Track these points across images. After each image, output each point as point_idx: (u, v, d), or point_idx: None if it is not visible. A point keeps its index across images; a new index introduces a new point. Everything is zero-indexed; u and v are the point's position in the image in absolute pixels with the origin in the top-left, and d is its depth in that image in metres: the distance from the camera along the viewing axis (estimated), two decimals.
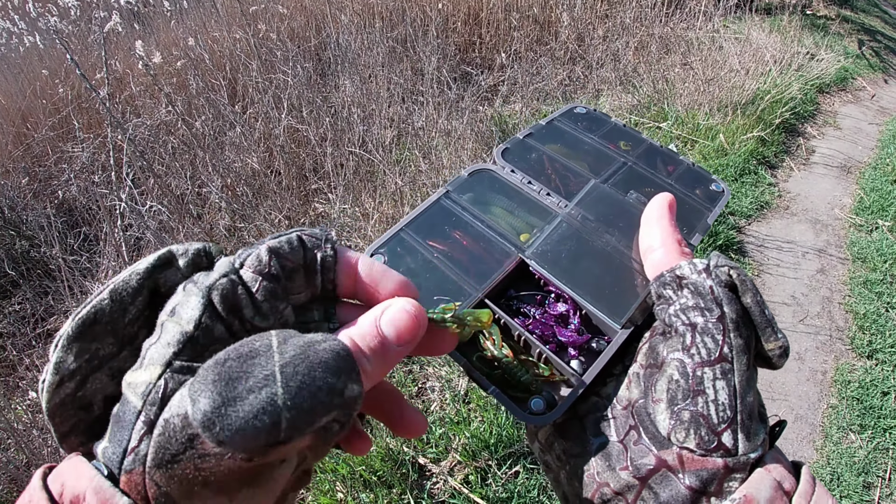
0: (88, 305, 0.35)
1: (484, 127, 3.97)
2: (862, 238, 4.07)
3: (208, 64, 4.02)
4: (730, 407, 0.40)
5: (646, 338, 0.50)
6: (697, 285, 0.44)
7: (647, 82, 5.04)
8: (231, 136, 3.62)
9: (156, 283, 0.38)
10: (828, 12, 8.14)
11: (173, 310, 0.35)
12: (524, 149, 0.72)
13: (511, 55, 4.93)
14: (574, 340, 0.56)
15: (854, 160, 5.00)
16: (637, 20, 5.63)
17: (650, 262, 0.50)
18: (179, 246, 0.39)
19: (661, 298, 0.47)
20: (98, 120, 4.06)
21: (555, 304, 0.59)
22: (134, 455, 0.31)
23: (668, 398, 0.42)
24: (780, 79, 5.28)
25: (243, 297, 0.37)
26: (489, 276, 0.59)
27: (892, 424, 2.80)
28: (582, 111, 0.80)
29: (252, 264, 0.38)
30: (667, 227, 0.51)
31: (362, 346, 0.37)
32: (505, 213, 0.65)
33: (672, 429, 0.41)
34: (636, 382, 0.47)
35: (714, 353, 0.41)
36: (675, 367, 0.42)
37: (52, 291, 3.31)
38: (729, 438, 0.39)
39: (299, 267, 0.40)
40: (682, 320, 0.43)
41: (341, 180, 3.45)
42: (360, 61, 4.32)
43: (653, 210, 0.54)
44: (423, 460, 2.29)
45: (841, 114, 5.75)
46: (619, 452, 0.44)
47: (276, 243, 0.39)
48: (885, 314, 3.44)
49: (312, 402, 0.31)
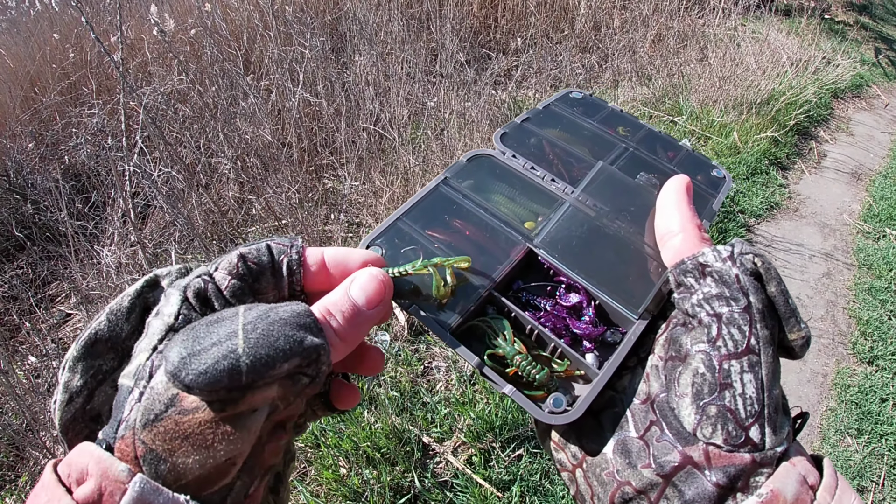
0: (90, 329, 0.40)
1: (497, 111, 3.95)
2: (869, 245, 4.07)
3: (224, 33, 3.99)
4: (757, 401, 0.39)
5: (663, 328, 0.49)
6: (722, 273, 0.42)
7: (662, 75, 5.01)
8: (244, 107, 3.59)
9: (146, 302, 0.43)
10: (846, 18, 8.09)
11: (157, 311, 0.41)
12: (523, 133, 0.70)
13: (527, 40, 4.90)
14: (589, 333, 0.54)
15: (865, 167, 4.98)
16: (656, 12, 5.59)
17: (669, 247, 0.48)
18: (163, 269, 0.44)
19: (681, 287, 0.46)
20: (108, 86, 4.02)
21: (567, 295, 0.57)
22: (125, 423, 0.35)
23: (694, 392, 0.40)
24: (796, 81, 5.25)
25: (214, 292, 0.42)
26: (495, 267, 0.56)
27: (888, 430, 2.81)
28: (578, 96, 0.79)
29: (224, 267, 0.43)
30: (686, 211, 0.49)
31: (335, 313, 0.41)
32: (507, 200, 0.63)
33: (698, 424, 0.40)
34: (655, 376, 0.45)
35: (741, 345, 0.40)
36: (701, 359, 0.41)
37: (56, 256, 3.30)
38: (756, 433, 0.39)
39: (266, 270, 0.45)
40: (706, 310, 0.42)
41: (353, 156, 3.44)
42: (377, 38, 4.29)
43: (670, 193, 0.51)
44: (428, 439, 2.30)
45: (854, 120, 5.73)
46: (639, 449, 0.43)
47: (247, 250, 0.45)
48: (888, 322, 3.43)
49: (270, 351, 0.35)
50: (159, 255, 3.18)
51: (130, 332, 0.41)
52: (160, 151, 3.22)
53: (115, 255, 3.01)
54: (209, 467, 0.35)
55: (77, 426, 0.40)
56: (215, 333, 0.36)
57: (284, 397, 0.38)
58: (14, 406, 2.39)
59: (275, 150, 3.46)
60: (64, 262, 3.22)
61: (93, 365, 0.40)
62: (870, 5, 9.01)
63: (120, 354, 0.41)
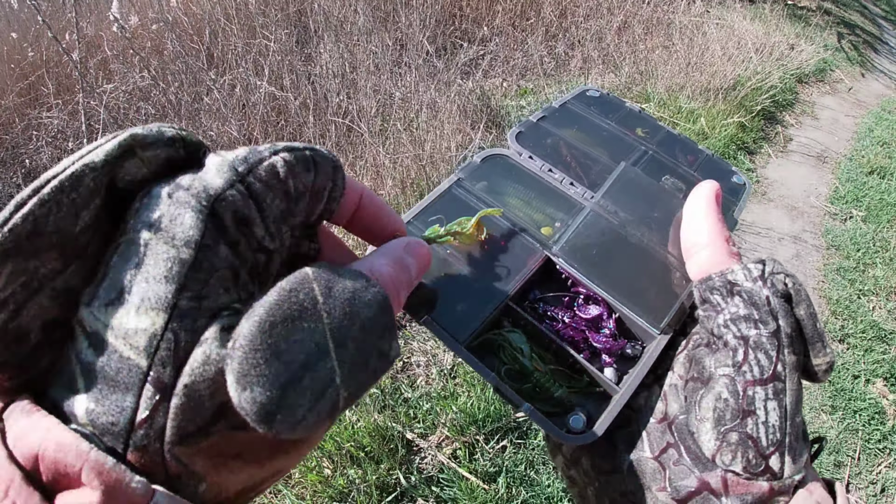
0: (23, 210, 0.25)
1: (467, 100, 3.93)
2: (836, 226, 4.16)
3: (186, 26, 3.91)
4: (780, 429, 0.37)
5: (683, 345, 0.47)
6: (752, 294, 0.40)
7: (629, 63, 5.05)
8: (207, 103, 3.52)
9: (112, 177, 0.28)
10: (809, 3, 8.25)
11: (156, 223, 0.27)
12: (539, 133, 0.67)
13: (493, 29, 4.89)
14: (610, 346, 0.52)
15: (830, 150, 5.09)
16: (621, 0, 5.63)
17: (695, 261, 0.46)
18: (144, 129, 0.29)
19: (706, 303, 0.43)
20: (68, 85, 3.91)
21: (586, 307, 0.54)
22: (146, 428, 0.25)
23: (715, 417, 0.39)
24: (761, 67, 5.34)
25: (255, 214, 0.30)
26: (512, 275, 0.53)
27: (861, 406, 2.88)
28: (595, 94, 0.75)
29: (266, 176, 0.30)
30: (714, 222, 0.46)
31: (400, 281, 0.35)
32: (522, 203, 0.59)
33: (717, 450, 0.38)
34: (674, 396, 0.43)
35: (767, 372, 0.38)
36: (725, 384, 0.39)
37: None
38: (776, 462, 0.37)
39: (307, 193, 0.33)
40: (733, 332, 0.40)
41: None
42: (342, 29, 4.24)
43: (699, 201, 0.48)
44: (411, 435, 2.28)
45: (819, 104, 5.84)
46: (654, 471, 0.42)
47: (293, 158, 0.32)
48: (857, 300, 3.52)
49: (366, 375, 0.28)
50: None
51: (88, 224, 0.27)
52: None
53: None
54: (256, 480, 0.30)
55: None
56: (301, 344, 0.26)
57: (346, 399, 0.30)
58: None
59: (240, 146, 3.41)
60: None
61: (25, 268, 0.26)
62: None
63: (67, 256, 0.27)
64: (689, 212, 0.48)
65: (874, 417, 2.84)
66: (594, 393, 0.50)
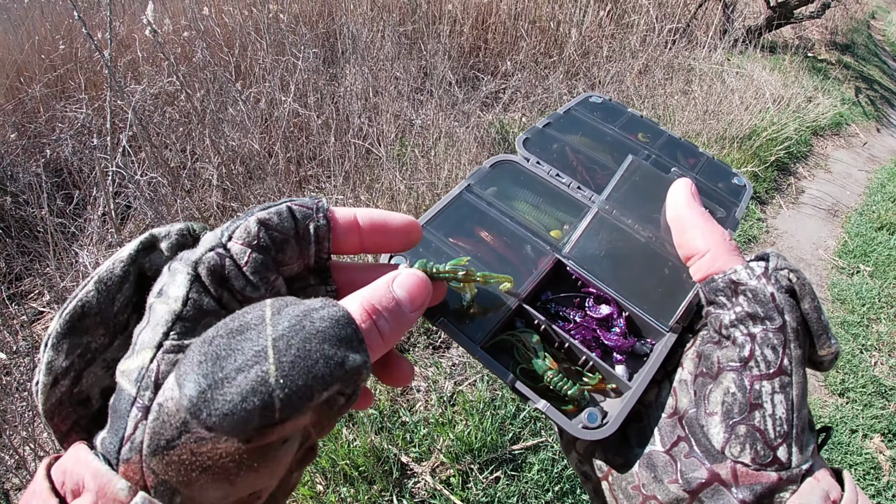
0: (74, 300, 0.34)
1: (486, 133, 3.97)
2: (843, 280, 4.15)
3: (217, 37, 3.97)
4: (787, 421, 0.39)
5: (691, 342, 0.48)
6: (757, 292, 0.41)
7: (647, 106, 5.08)
8: (232, 113, 3.57)
9: (141, 268, 0.37)
10: (829, 57, 8.28)
11: (161, 290, 0.34)
12: (545, 139, 0.69)
13: (516, 64, 4.94)
14: (620, 345, 0.53)
15: (841, 204, 5.09)
16: (644, 43, 5.67)
17: (698, 267, 0.47)
18: (162, 228, 0.38)
19: (712, 304, 0.45)
20: (95, 82, 3.97)
21: (597, 307, 0.55)
22: (130, 443, 0.30)
23: (724, 411, 0.40)
24: (778, 118, 5.36)
25: (232, 269, 0.36)
26: (524, 277, 0.55)
27: (857, 461, 2.87)
28: (598, 100, 0.77)
29: (241, 236, 0.37)
30: (704, 225, 0.47)
31: (378, 307, 0.36)
32: (531, 207, 0.61)
33: (726, 443, 0.40)
34: (684, 391, 0.45)
35: (773, 366, 0.39)
36: (732, 379, 0.40)
37: (32, 252, 3.24)
38: (784, 452, 0.39)
39: (290, 238, 0.38)
40: (740, 330, 0.41)
41: (340, 170, 3.43)
42: (369, 53, 4.29)
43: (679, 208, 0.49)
44: (406, 459, 2.29)
45: (832, 158, 5.85)
46: (665, 463, 0.43)
47: (266, 214, 0.38)
48: (859, 355, 3.51)
49: (308, 378, 0.30)
50: None
51: (124, 305, 0.36)
52: (146, 153, 3.19)
53: (93, 255, 2.96)
54: (231, 500, 0.31)
55: (64, 411, 0.34)
56: (240, 352, 0.29)
57: (318, 423, 0.33)
58: None
59: (260, 159, 3.45)
60: (41, 258, 3.17)
61: (79, 343, 0.34)
62: (852, 45, 9.25)
63: (112, 331, 0.35)
64: (676, 220, 0.50)
65: (869, 472, 2.82)
66: (605, 391, 0.51)
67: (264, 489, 0.33)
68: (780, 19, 7.48)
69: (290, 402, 0.29)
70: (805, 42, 8.29)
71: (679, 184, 0.51)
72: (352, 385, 0.32)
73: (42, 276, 3.14)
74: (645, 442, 0.45)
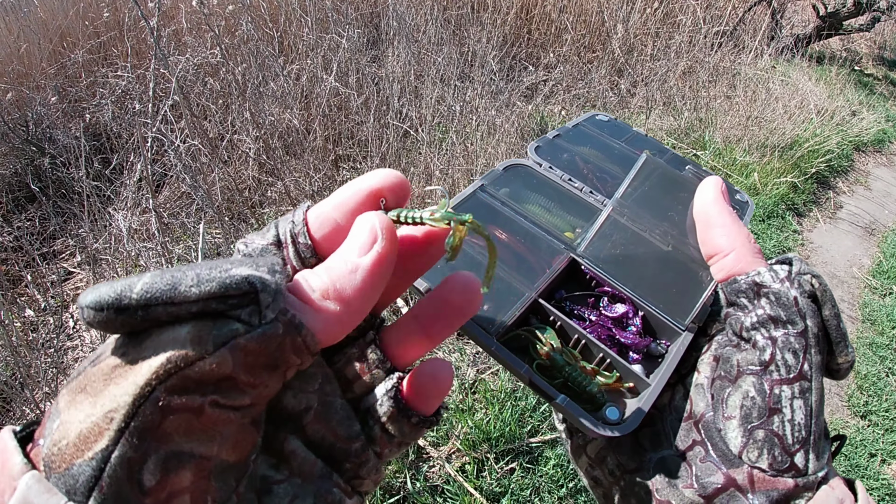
0: None
1: (526, 123, 3.95)
2: (875, 301, 4.08)
3: (263, 12, 3.99)
4: (805, 427, 0.38)
5: (707, 347, 0.48)
6: (780, 295, 0.41)
7: (689, 108, 5.03)
8: (273, 88, 3.59)
9: None
10: (876, 72, 8.13)
11: None
12: (556, 148, 0.70)
13: (559, 56, 4.90)
14: (636, 343, 0.53)
15: (879, 223, 5.00)
16: (690, 44, 5.61)
17: (719, 266, 0.46)
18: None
19: (733, 305, 0.44)
20: (138, 50, 4.02)
21: (612, 306, 0.56)
22: None
23: (742, 415, 0.40)
24: (821, 129, 5.27)
25: None
26: (539, 274, 0.55)
27: (874, 486, 2.82)
28: (604, 119, 0.78)
29: None
30: (730, 223, 0.46)
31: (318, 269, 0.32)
32: (543, 211, 0.61)
33: (744, 447, 0.39)
34: (700, 394, 0.44)
35: (794, 370, 0.39)
36: (752, 382, 0.40)
37: (67, 213, 3.30)
38: (801, 459, 0.38)
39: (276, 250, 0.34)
40: (761, 333, 0.41)
41: (378, 151, 3.44)
42: (413, 36, 4.29)
43: (707, 204, 0.48)
44: (423, 442, 2.29)
45: (873, 175, 5.75)
46: (681, 468, 0.43)
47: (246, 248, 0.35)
48: (885, 378, 3.45)
49: (174, 278, 0.27)
50: (171, 225, 3.18)
51: None
52: (186, 122, 3.22)
53: (128, 219, 3.00)
54: (88, 424, 0.26)
55: None
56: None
57: (199, 341, 0.27)
58: (6, 357, 2.38)
59: (298, 135, 3.46)
60: (75, 219, 3.22)
61: None
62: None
63: None
64: (702, 216, 0.48)
65: (884, 499, 2.78)
66: (621, 390, 0.51)
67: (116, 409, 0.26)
68: (829, 30, 7.36)
69: (150, 290, 0.26)
70: (852, 55, 8.15)
71: (709, 181, 0.49)
72: (245, 303, 0.28)
73: (75, 238, 3.20)
74: (659, 446, 0.45)
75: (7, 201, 3.40)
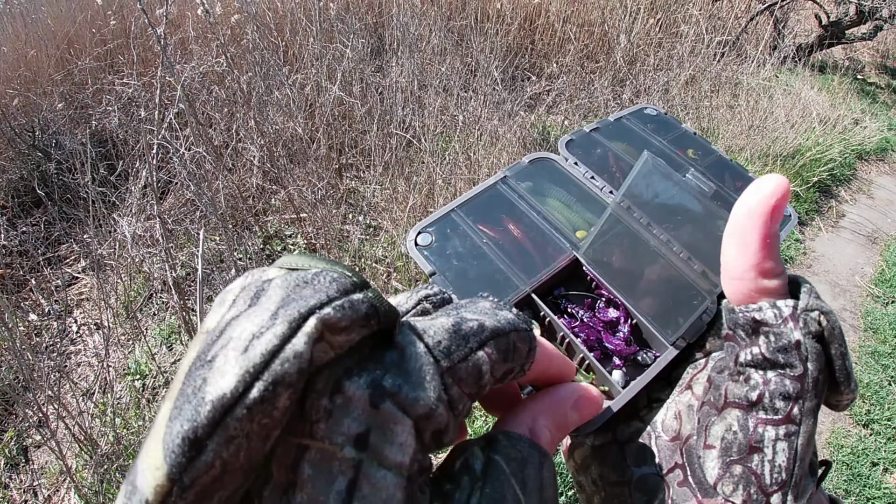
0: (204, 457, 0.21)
1: (528, 134, 3.96)
2: (877, 309, 4.06)
3: (268, 21, 4.01)
4: (786, 470, 0.36)
5: (702, 364, 0.46)
6: (781, 336, 0.37)
7: (692, 117, 5.03)
8: (277, 97, 3.61)
9: None
10: (878, 80, 8.11)
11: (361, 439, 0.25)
12: (590, 143, 0.69)
13: (563, 66, 4.92)
14: (621, 350, 0.52)
15: (881, 231, 4.98)
16: (692, 54, 5.62)
17: (728, 288, 0.41)
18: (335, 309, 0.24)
19: (732, 335, 0.41)
20: (145, 58, 4.05)
21: (605, 310, 0.55)
22: None
23: (722, 447, 0.38)
24: (823, 139, 5.27)
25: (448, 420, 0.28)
26: (539, 270, 0.55)
27: (875, 495, 2.82)
28: (652, 112, 0.76)
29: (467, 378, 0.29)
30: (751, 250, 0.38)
31: (556, 442, 0.35)
32: (562, 206, 0.61)
33: (719, 479, 0.38)
34: (688, 416, 0.43)
35: (782, 413, 0.36)
36: (736, 416, 0.38)
37: (73, 218, 3.32)
38: (778, 500, 0.36)
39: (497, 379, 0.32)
40: (756, 371, 0.38)
41: (381, 160, 3.45)
42: (417, 46, 4.31)
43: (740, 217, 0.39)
44: None
45: (876, 183, 5.73)
46: (659, 488, 0.41)
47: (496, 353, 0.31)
48: (887, 387, 3.44)
49: None
50: (175, 232, 3.20)
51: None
52: (191, 129, 3.24)
53: (132, 225, 3.02)
54: None
55: None
56: None
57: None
58: (10, 360, 2.39)
59: (302, 144, 3.48)
60: (80, 225, 3.24)
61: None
62: None
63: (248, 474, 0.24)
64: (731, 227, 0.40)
65: None
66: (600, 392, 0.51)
67: None
68: (832, 39, 7.34)
69: None
70: (855, 64, 8.14)
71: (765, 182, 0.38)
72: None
73: (79, 243, 3.22)
74: (642, 463, 0.44)
75: (13, 206, 3.43)
